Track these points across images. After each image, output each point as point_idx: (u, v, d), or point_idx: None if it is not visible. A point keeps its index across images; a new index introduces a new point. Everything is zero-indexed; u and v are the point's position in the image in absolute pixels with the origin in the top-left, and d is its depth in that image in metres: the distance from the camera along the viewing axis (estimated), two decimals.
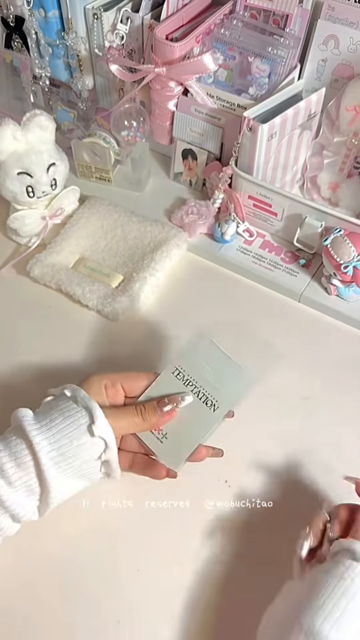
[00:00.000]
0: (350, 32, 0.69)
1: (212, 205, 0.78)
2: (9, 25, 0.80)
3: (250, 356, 0.58)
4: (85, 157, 0.83)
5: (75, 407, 0.48)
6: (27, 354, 0.66)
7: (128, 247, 0.76)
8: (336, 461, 0.58)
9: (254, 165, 0.71)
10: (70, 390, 0.50)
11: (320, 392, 0.63)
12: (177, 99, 0.78)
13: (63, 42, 0.80)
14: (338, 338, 0.68)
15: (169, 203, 0.82)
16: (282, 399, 0.62)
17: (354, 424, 0.61)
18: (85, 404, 0.48)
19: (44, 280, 0.72)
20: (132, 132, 0.81)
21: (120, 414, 0.50)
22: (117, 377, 0.52)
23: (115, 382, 0.52)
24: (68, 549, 0.52)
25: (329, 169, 0.77)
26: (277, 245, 0.76)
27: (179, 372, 0.53)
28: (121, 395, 0.52)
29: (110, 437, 0.48)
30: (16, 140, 0.69)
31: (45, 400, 0.51)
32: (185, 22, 0.76)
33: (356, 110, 0.70)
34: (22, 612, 0.49)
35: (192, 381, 0.52)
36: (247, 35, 0.72)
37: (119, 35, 0.78)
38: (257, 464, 0.57)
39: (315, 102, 0.72)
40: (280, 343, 0.67)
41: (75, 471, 0.47)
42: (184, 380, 0.52)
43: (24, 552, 0.51)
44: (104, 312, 0.69)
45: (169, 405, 0.50)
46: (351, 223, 0.67)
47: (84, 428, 0.47)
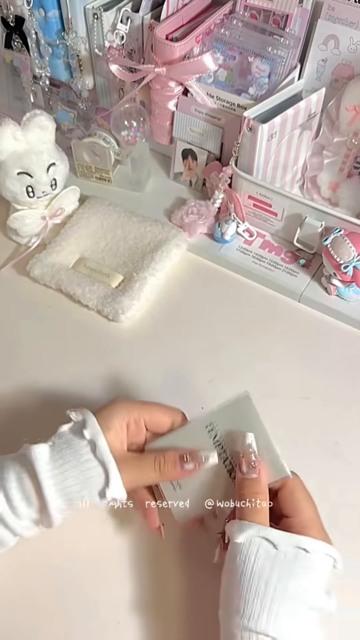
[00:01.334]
0: (350, 32, 0.69)
1: (212, 205, 0.78)
2: (9, 25, 0.80)
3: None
4: (85, 157, 0.83)
5: (92, 462, 0.45)
6: (27, 354, 0.67)
7: (128, 247, 0.76)
8: (336, 461, 0.58)
9: (254, 165, 0.71)
10: (90, 432, 0.46)
11: (320, 392, 0.63)
12: (177, 99, 0.78)
13: (63, 42, 0.80)
14: (338, 338, 0.68)
15: (169, 203, 0.82)
16: (282, 399, 0.62)
17: (354, 424, 0.61)
18: (102, 459, 0.45)
19: (44, 280, 0.72)
20: (132, 132, 0.81)
21: (136, 467, 0.47)
22: (141, 413, 0.49)
23: (139, 420, 0.49)
24: (66, 553, 0.52)
25: (329, 169, 0.77)
26: (277, 245, 0.76)
27: (212, 429, 0.49)
28: (143, 434, 0.50)
29: (121, 496, 0.46)
30: (16, 140, 0.69)
31: (63, 429, 0.48)
32: (185, 22, 0.76)
33: (356, 110, 0.70)
34: (21, 620, 0.49)
35: (222, 443, 0.48)
36: (247, 35, 0.72)
37: (119, 35, 0.78)
38: None
39: (315, 102, 0.72)
40: (280, 343, 0.67)
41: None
42: (214, 439, 0.48)
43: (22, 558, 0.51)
44: (104, 312, 0.69)
45: (191, 464, 0.47)
46: (351, 223, 0.67)
47: (96, 490, 0.45)
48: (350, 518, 0.54)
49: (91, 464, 0.45)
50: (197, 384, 0.64)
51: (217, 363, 0.66)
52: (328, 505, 0.54)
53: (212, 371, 0.65)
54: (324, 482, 0.56)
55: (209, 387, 0.63)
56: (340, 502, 0.55)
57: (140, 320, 0.70)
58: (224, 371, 0.65)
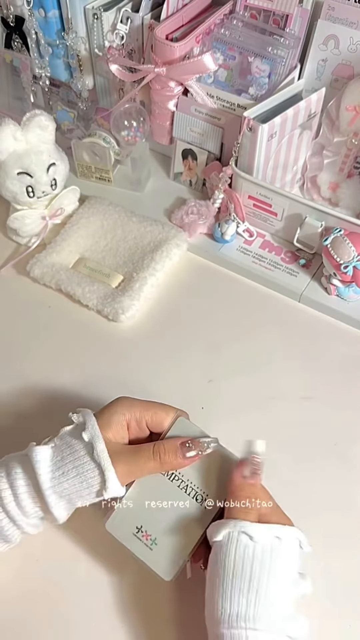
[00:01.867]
0: (350, 32, 0.69)
1: (212, 205, 0.78)
2: (9, 25, 0.80)
3: None
4: (85, 157, 0.83)
5: (89, 464, 0.46)
6: (27, 354, 0.67)
7: (128, 247, 0.76)
8: (336, 461, 0.58)
9: (254, 165, 0.71)
10: (89, 434, 0.46)
11: (320, 392, 0.63)
12: (177, 99, 0.78)
13: (63, 42, 0.80)
14: (338, 338, 0.68)
15: (169, 203, 0.82)
16: (282, 399, 0.62)
17: (354, 423, 0.61)
18: (99, 462, 0.45)
19: (43, 280, 0.72)
20: (132, 132, 0.81)
21: (134, 458, 0.47)
22: (143, 412, 0.48)
23: (140, 420, 0.48)
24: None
25: (329, 169, 0.77)
26: (277, 245, 0.76)
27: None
28: (144, 433, 0.49)
29: (119, 493, 0.46)
30: (16, 140, 0.69)
31: (64, 431, 0.48)
32: (185, 22, 0.76)
33: (356, 110, 0.70)
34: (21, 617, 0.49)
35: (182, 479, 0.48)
36: (247, 35, 0.72)
37: (119, 35, 0.78)
38: None
39: (315, 102, 0.72)
40: (280, 343, 0.67)
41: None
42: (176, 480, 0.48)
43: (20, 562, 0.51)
44: (104, 312, 0.69)
45: (193, 451, 0.46)
46: (351, 223, 0.67)
47: (94, 491, 0.46)
48: (351, 518, 0.54)
49: (88, 466, 0.45)
50: (197, 384, 0.64)
51: (217, 363, 0.66)
52: (328, 506, 0.55)
53: (212, 371, 0.65)
54: (323, 482, 0.56)
55: (209, 387, 0.63)
56: (340, 502, 0.55)
57: (140, 321, 0.70)
58: (224, 371, 0.65)
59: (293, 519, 0.45)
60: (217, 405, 0.62)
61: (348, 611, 0.49)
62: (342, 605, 0.49)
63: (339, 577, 0.50)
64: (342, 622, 0.48)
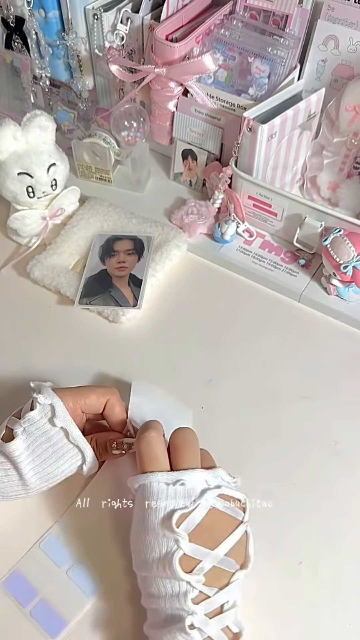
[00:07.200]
0: (350, 32, 0.69)
1: (212, 205, 0.78)
2: (9, 25, 0.81)
3: None
4: (85, 157, 0.83)
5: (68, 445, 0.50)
6: (27, 354, 0.67)
7: None
8: (336, 461, 0.58)
9: (253, 165, 0.71)
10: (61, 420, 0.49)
11: (321, 392, 0.63)
12: (177, 100, 0.78)
13: (63, 43, 0.80)
14: (338, 338, 0.68)
15: (169, 203, 0.82)
16: (282, 399, 0.62)
17: (354, 424, 0.61)
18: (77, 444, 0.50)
19: (43, 282, 0.72)
20: (132, 132, 0.81)
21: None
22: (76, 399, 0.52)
23: (75, 407, 0.51)
24: None
25: (329, 169, 0.77)
26: (277, 245, 0.76)
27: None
28: (79, 417, 0.52)
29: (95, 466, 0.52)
30: (16, 141, 0.69)
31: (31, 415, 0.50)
32: (185, 22, 0.76)
33: (356, 110, 0.70)
34: None
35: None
36: (247, 35, 0.72)
37: (119, 35, 0.78)
38: (256, 464, 0.57)
39: (315, 102, 0.72)
40: (279, 343, 0.67)
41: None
42: None
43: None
44: (104, 313, 0.69)
45: (117, 451, 0.52)
46: (351, 223, 0.67)
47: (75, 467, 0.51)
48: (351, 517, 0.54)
49: (67, 447, 0.50)
50: (197, 384, 0.64)
51: (217, 363, 0.66)
52: (327, 505, 0.55)
53: (212, 371, 0.65)
54: (323, 482, 0.56)
55: (209, 387, 0.64)
56: (340, 502, 0.55)
57: (140, 321, 0.70)
58: (224, 371, 0.65)
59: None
60: (217, 405, 0.62)
61: (348, 611, 0.49)
62: (342, 605, 0.49)
63: (339, 576, 0.50)
64: (342, 622, 0.48)
